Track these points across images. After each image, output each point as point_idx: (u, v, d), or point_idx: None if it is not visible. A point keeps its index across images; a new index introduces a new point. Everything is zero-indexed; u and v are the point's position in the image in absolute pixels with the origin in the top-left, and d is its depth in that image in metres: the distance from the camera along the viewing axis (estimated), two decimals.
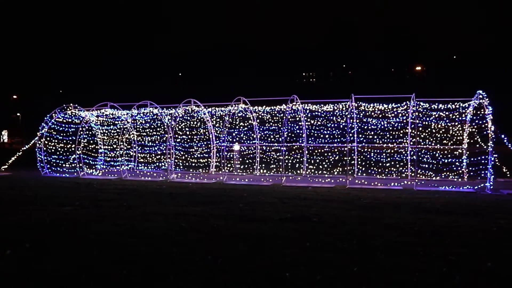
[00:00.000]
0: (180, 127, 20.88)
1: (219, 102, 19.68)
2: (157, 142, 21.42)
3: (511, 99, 50.72)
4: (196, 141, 21.02)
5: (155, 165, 21.56)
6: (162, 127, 20.73)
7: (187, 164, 20.86)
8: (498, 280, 5.69)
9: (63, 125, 20.80)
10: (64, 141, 21.08)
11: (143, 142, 21.74)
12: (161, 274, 5.90)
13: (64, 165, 21.08)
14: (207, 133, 20.73)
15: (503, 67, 67.75)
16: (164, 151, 20.29)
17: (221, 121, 20.13)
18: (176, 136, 20.46)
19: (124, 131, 20.86)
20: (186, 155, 20.94)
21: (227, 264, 6.33)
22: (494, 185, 14.59)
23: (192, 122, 21.00)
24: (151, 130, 21.45)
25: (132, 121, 20.95)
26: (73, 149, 20.38)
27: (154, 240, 7.68)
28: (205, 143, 20.91)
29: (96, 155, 22.44)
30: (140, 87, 64.49)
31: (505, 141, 14.77)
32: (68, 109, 20.56)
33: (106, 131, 22.13)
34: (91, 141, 22.29)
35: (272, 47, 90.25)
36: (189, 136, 21.07)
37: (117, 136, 21.51)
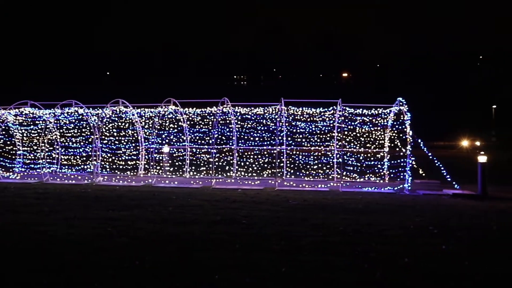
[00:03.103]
0: (107, 128, 20.14)
1: (149, 103, 19.23)
2: (82, 143, 20.48)
3: (428, 107, 54.62)
4: (124, 143, 20.36)
5: (79, 167, 20.60)
6: (88, 128, 19.88)
7: (114, 166, 20.17)
8: (414, 274, 6.11)
9: None
10: None
11: (66, 144, 20.70)
12: (86, 282, 5.68)
13: None
14: (135, 134, 20.18)
15: (420, 79, 72.86)
16: (90, 153, 19.47)
17: (150, 123, 19.70)
18: (103, 137, 19.72)
19: (46, 132, 19.75)
20: (113, 157, 20.22)
21: (156, 268, 6.23)
22: (411, 186, 15.58)
23: (120, 123, 20.33)
24: (76, 131, 20.47)
25: (55, 121, 19.89)
26: None
27: (78, 246, 7.37)
28: (133, 144, 20.33)
29: (13, 157, 21.03)
30: (65, 86, 61.46)
31: (422, 145, 15.84)
32: None
33: (26, 132, 20.81)
34: (8, 142, 20.85)
35: (204, 49, 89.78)
36: (117, 138, 20.38)
37: (38, 137, 20.30)
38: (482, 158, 14.30)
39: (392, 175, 17.83)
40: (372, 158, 18.41)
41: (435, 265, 6.51)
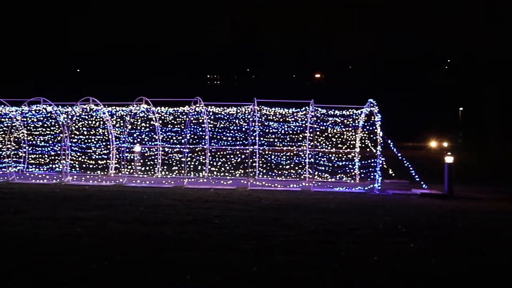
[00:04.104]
0: (77, 126, 19.73)
1: (121, 101, 18.93)
2: (50, 142, 19.97)
3: (398, 108, 55.71)
4: (95, 142, 19.99)
5: (47, 166, 20.10)
6: (57, 126, 19.42)
7: (84, 165, 19.77)
8: (383, 272, 6.23)
9: None
10: None
11: (34, 142, 20.16)
12: (53, 283, 5.55)
13: None
14: (106, 133, 19.84)
15: (391, 81, 74.28)
16: (59, 152, 19.03)
17: (122, 121, 19.37)
18: (73, 136, 19.30)
19: (12, 130, 19.20)
20: (83, 156, 19.82)
21: (126, 269, 6.14)
22: (381, 186, 15.88)
23: (90, 122, 19.94)
24: (44, 129, 19.95)
25: (22, 119, 19.34)
26: None
27: (45, 247, 7.19)
28: (104, 143, 19.97)
29: None
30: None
31: (391, 145, 16.17)
32: None
33: None
34: None
35: (177, 48, 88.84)
36: (87, 136, 19.98)
37: (3, 135, 19.70)
38: (449, 159, 14.70)
39: (362, 175, 18.12)
40: (343, 158, 18.65)
41: (403, 264, 6.65)
